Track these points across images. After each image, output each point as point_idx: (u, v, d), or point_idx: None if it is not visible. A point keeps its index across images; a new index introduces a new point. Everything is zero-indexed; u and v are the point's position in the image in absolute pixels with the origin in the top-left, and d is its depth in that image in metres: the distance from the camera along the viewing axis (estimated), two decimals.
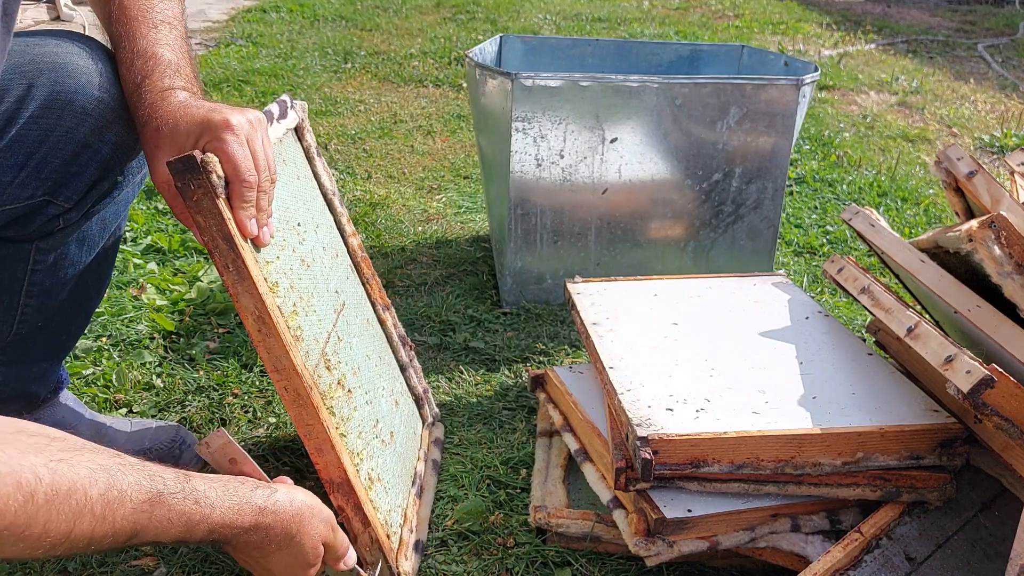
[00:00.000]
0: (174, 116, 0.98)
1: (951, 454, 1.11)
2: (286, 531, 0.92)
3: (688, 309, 1.45)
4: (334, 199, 1.32)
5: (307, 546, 0.95)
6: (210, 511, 0.84)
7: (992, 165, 3.10)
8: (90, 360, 1.63)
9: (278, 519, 0.91)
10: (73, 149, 1.03)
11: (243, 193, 0.97)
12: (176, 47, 1.06)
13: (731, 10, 6.18)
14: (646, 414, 1.11)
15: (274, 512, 0.91)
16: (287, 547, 0.93)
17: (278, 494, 0.93)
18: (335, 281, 1.23)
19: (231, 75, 3.69)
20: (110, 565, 1.16)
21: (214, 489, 0.86)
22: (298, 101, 1.27)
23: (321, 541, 0.97)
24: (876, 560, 1.05)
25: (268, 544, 0.91)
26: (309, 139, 1.28)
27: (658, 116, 1.76)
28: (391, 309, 1.41)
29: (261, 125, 1.01)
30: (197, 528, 0.83)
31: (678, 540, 1.09)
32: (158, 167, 0.99)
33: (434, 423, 1.46)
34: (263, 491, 0.92)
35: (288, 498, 0.94)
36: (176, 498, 0.81)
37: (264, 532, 0.90)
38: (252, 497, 0.90)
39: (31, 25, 4.41)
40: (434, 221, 2.38)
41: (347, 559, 1.03)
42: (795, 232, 2.36)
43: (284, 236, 1.10)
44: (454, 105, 3.52)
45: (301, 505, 0.95)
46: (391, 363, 1.37)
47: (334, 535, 1.00)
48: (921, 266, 1.22)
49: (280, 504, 0.92)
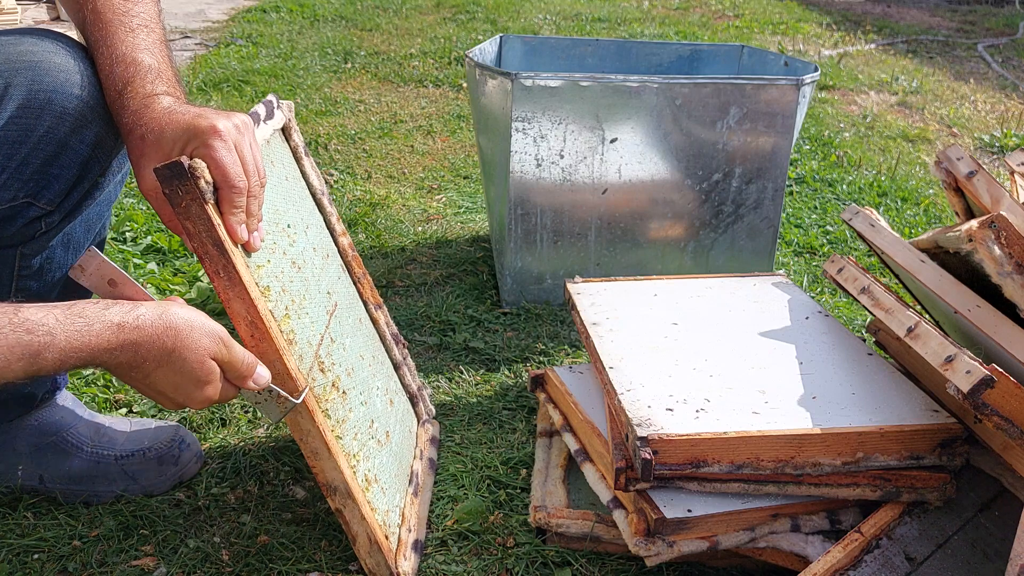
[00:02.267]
0: (159, 123, 0.97)
1: (951, 454, 1.11)
2: (160, 346, 0.89)
3: (688, 309, 1.45)
4: (323, 198, 1.32)
5: (191, 361, 0.91)
6: (51, 339, 0.82)
7: (992, 165, 3.10)
8: None
9: (144, 334, 0.88)
10: (53, 149, 1.02)
11: (232, 199, 0.97)
12: (156, 51, 1.04)
13: (731, 10, 6.18)
14: (646, 414, 1.11)
15: (137, 327, 0.87)
16: (167, 364, 0.90)
17: (141, 309, 0.89)
18: (326, 282, 1.22)
19: (231, 75, 3.69)
20: (110, 565, 1.16)
21: (52, 316, 0.83)
22: (285, 101, 1.26)
23: (210, 357, 0.94)
24: (876, 560, 1.05)
25: (143, 362, 0.88)
26: (297, 139, 1.27)
27: (658, 116, 1.76)
28: (383, 308, 1.40)
29: (248, 129, 1.00)
30: (44, 358, 0.81)
31: (678, 540, 1.09)
32: (145, 174, 0.98)
33: (429, 421, 1.46)
34: (120, 308, 0.88)
35: (156, 312, 0.90)
36: (3, 333, 0.79)
37: (133, 350, 0.87)
38: (106, 316, 0.86)
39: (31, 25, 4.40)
40: (434, 221, 2.38)
41: (256, 379, 0.98)
42: (795, 232, 2.36)
43: (274, 239, 1.09)
44: (454, 105, 3.52)
45: (174, 318, 0.91)
46: (385, 362, 1.37)
47: (228, 351, 0.95)
48: (921, 266, 1.22)
49: (145, 319, 0.89)
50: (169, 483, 1.30)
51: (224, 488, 1.31)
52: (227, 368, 0.96)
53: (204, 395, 0.95)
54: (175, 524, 1.24)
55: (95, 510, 1.26)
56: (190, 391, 0.93)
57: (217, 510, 1.27)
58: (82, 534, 1.21)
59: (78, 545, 1.19)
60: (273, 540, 1.21)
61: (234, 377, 0.97)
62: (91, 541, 1.20)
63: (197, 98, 3.40)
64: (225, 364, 0.96)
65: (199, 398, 0.95)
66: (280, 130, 1.24)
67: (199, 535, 1.22)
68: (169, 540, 1.21)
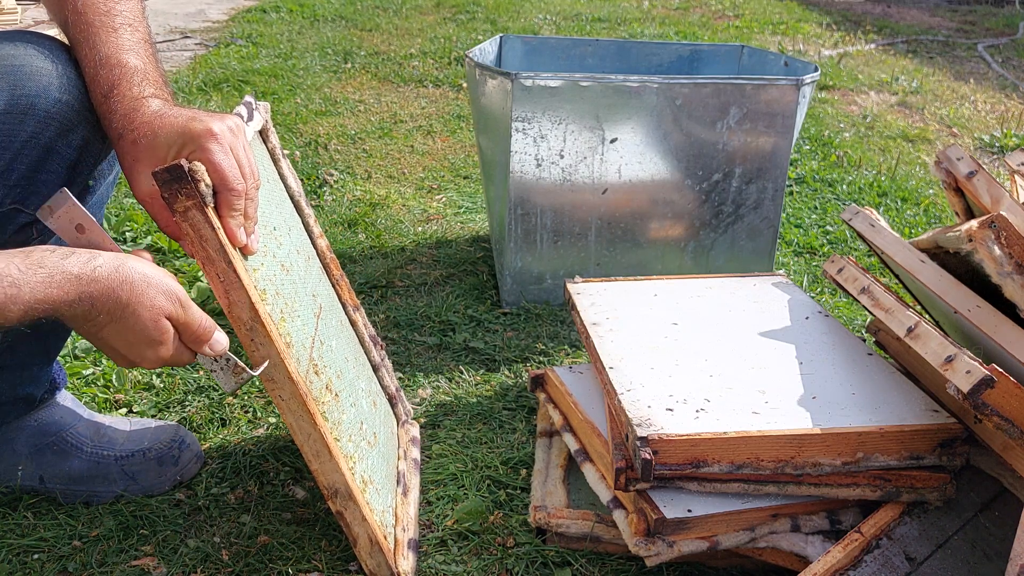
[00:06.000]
0: (151, 127, 0.96)
1: (951, 454, 1.11)
2: (114, 300, 0.86)
3: (688, 309, 1.45)
4: (301, 200, 1.31)
5: (144, 318, 0.88)
6: (16, 291, 0.80)
7: (992, 165, 3.10)
8: (90, 360, 1.63)
9: (100, 287, 0.85)
10: (39, 154, 1.00)
11: (231, 202, 0.96)
12: (141, 51, 1.02)
13: (731, 10, 6.18)
14: (646, 414, 1.11)
15: (94, 279, 0.85)
16: (120, 319, 0.87)
17: (99, 260, 0.87)
18: (311, 284, 1.22)
19: (231, 75, 3.69)
20: (110, 565, 1.16)
21: (14, 265, 0.81)
22: (261, 103, 1.25)
23: (164, 316, 0.91)
24: (876, 560, 1.05)
25: (96, 315, 0.85)
26: (274, 140, 1.26)
27: (658, 116, 1.76)
28: (360, 309, 1.40)
29: (241, 132, 1.00)
30: (9, 310, 0.79)
31: (678, 540, 1.09)
32: (139, 179, 0.96)
33: (408, 421, 1.46)
34: (78, 258, 0.85)
35: (114, 264, 0.87)
36: None
37: (89, 302, 0.84)
38: (64, 266, 0.84)
39: (31, 25, 4.40)
40: (434, 221, 2.38)
41: (213, 344, 0.96)
42: (795, 232, 2.36)
43: (264, 242, 1.09)
44: (454, 105, 3.52)
45: (131, 272, 0.88)
46: (365, 364, 1.37)
47: (184, 312, 0.92)
48: (921, 266, 1.22)
49: (102, 271, 0.86)
50: (169, 483, 1.30)
51: (224, 488, 1.31)
52: (183, 330, 0.93)
53: (156, 355, 0.92)
54: (175, 524, 1.24)
55: (95, 510, 1.26)
56: (142, 350, 0.91)
57: (217, 510, 1.27)
58: (82, 534, 1.21)
59: (78, 545, 1.19)
60: (273, 540, 1.21)
61: (190, 340, 0.94)
62: (91, 541, 1.20)
63: (197, 98, 3.40)
64: (181, 325, 0.93)
65: (151, 357, 0.92)
66: (258, 132, 1.23)
67: (199, 535, 1.22)
68: (169, 540, 1.21)
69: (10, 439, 1.26)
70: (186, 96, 3.40)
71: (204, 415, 1.48)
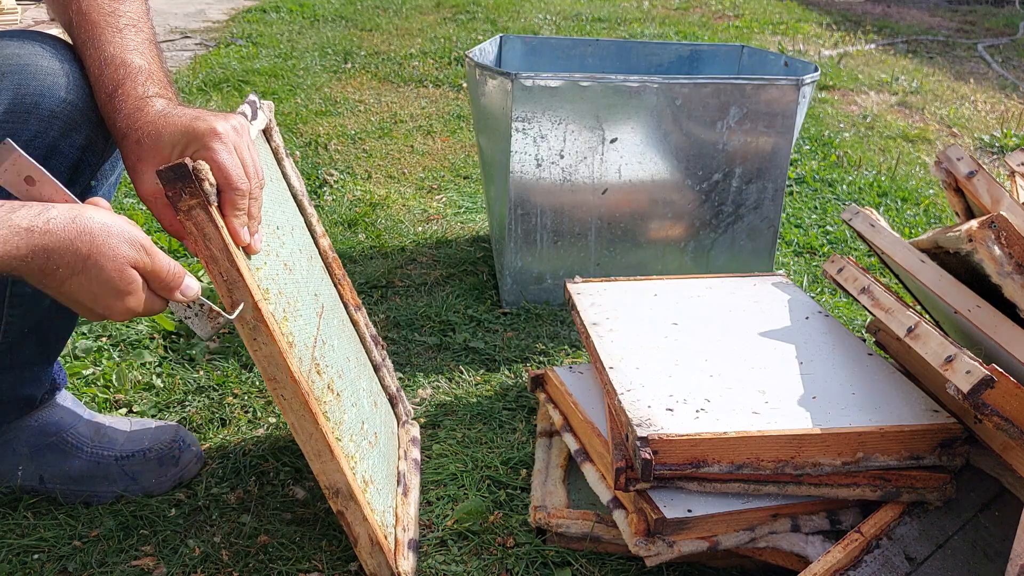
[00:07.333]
0: (155, 126, 0.96)
1: (951, 454, 1.11)
2: (73, 252, 0.82)
3: (688, 309, 1.45)
4: (303, 200, 1.31)
5: (108, 269, 0.85)
6: None
7: (992, 165, 3.10)
8: (90, 360, 1.63)
9: (56, 239, 0.81)
10: (42, 154, 1.00)
11: (236, 201, 0.96)
12: (145, 51, 1.02)
13: (731, 10, 6.18)
14: (646, 414, 1.11)
15: (47, 231, 0.81)
16: (82, 271, 0.84)
17: (53, 211, 0.83)
18: (313, 284, 1.22)
19: (231, 75, 3.69)
20: (110, 565, 1.16)
21: None
22: (265, 101, 1.25)
23: (130, 265, 0.87)
24: (876, 560, 1.05)
25: (55, 269, 0.82)
26: (277, 139, 1.26)
27: (658, 116, 1.76)
28: (362, 309, 1.40)
29: (245, 131, 1.00)
30: None
31: (678, 540, 1.09)
32: (144, 179, 0.96)
33: (409, 422, 1.46)
34: (28, 210, 0.82)
35: (70, 215, 0.83)
36: None
37: (44, 256, 0.81)
38: (12, 219, 0.80)
39: (31, 25, 4.40)
40: (434, 221, 2.38)
41: (184, 290, 0.93)
42: (795, 232, 2.36)
43: (268, 241, 1.09)
44: (454, 105, 3.52)
45: (89, 222, 0.84)
46: (366, 364, 1.37)
47: (151, 259, 0.89)
48: (921, 266, 1.22)
49: (56, 223, 0.82)
50: (169, 483, 1.30)
51: (224, 488, 1.31)
52: (151, 278, 0.90)
53: (125, 306, 0.89)
54: (175, 524, 1.24)
55: (95, 510, 1.26)
56: (110, 302, 0.87)
57: (217, 510, 1.27)
58: (82, 534, 1.21)
59: (78, 545, 1.19)
60: (273, 540, 1.21)
61: (159, 288, 0.91)
62: (91, 541, 1.20)
63: (197, 98, 3.40)
64: (148, 274, 0.90)
65: (120, 309, 0.89)
66: (262, 131, 1.23)
67: (199, 535, 1.22)
68: (169, 540, 1.21)
69: (10, 439, 1.26)
70: (186, 96, 3.40)
71: (204, 415, 1.48)
